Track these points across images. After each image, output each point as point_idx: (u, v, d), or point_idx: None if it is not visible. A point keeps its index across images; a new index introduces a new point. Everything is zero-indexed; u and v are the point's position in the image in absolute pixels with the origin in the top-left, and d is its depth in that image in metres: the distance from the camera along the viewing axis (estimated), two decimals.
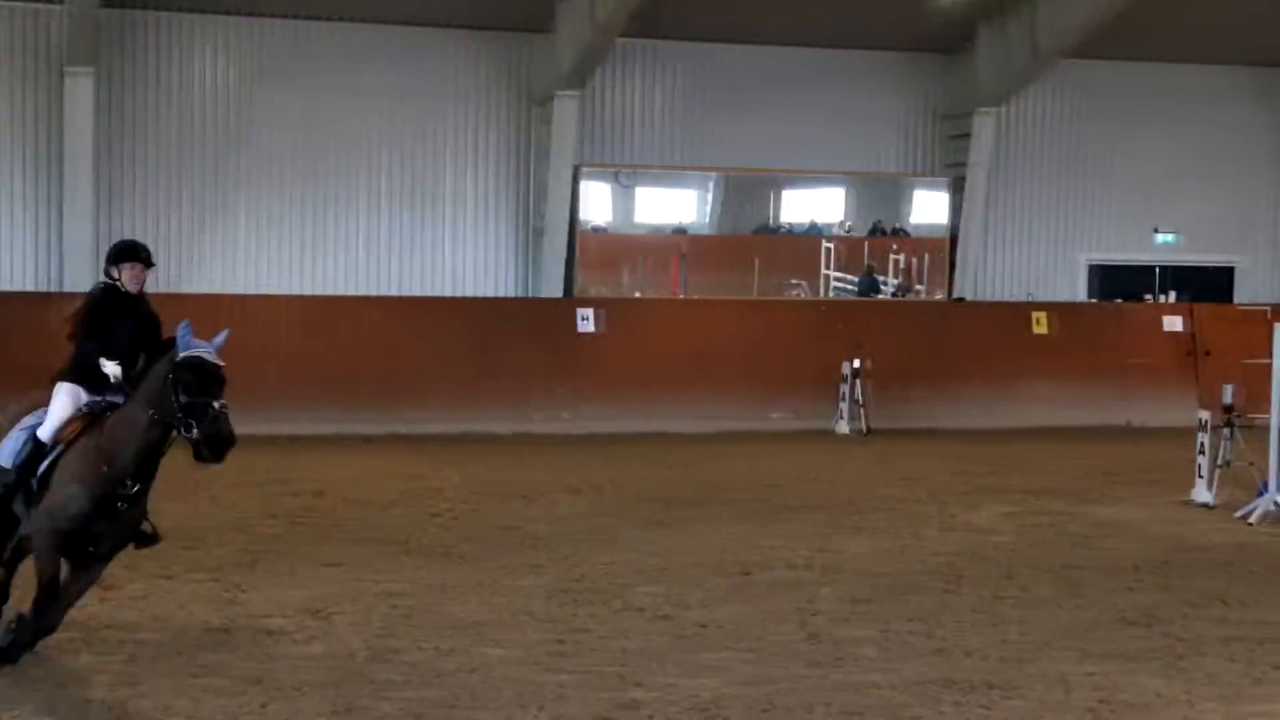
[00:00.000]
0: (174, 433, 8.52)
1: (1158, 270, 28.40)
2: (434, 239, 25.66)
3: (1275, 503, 15.10)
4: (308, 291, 24.25)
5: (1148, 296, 27.61)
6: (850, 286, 26.72)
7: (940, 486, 17.14)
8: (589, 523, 14.52)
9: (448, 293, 25.14)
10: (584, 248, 25.66)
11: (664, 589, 11.61)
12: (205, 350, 8.54)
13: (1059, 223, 28.07)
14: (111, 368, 8.77)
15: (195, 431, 8.36)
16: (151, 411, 8.50)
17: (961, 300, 26.41)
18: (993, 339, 23.93)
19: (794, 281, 26.62)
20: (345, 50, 24.96)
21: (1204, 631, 10.58)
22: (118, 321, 8.99)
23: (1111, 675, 9.43)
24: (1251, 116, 28.51)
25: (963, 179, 26.79)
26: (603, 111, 26.26)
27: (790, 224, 27.57)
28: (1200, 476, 16.01)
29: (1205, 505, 15.75)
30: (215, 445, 8.39)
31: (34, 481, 8.79)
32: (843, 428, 22.37)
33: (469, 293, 25.31)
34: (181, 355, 8.48)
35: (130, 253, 9.21)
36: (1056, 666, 9.61)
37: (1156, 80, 27.92)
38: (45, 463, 8.77)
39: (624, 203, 26.84)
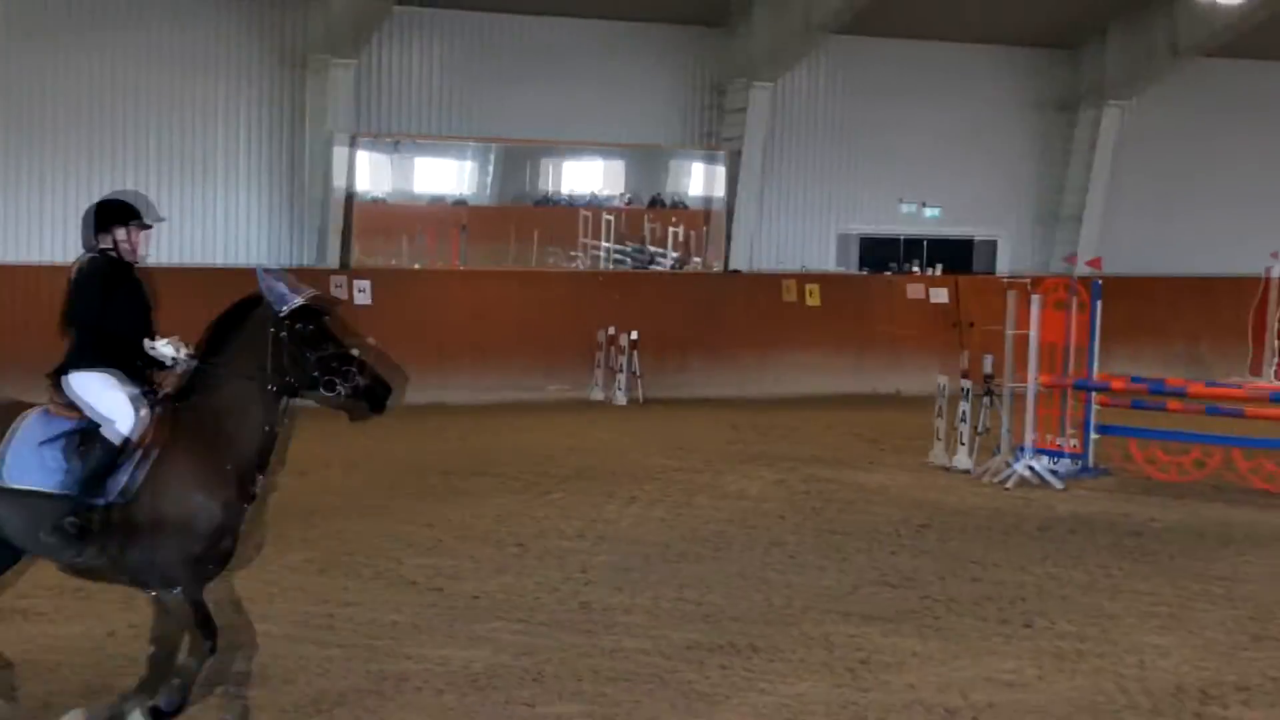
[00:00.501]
0: (288, 402, 7.23)
1: (925, 243, 29.21)
2: (204, 209, 25.03)
3: (1030, 467, 15.73)
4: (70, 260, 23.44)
5: (915, 268, 28.39)
6: (626, 259, 26.92)
7: (714, 455, 17.41)
8: (363, 495, 14.41)
9: (218, 263, 24.57)
10: (360, 218, 25.32)
11: (437, 561, 11.60)
12: (308, 294, 7.21)
13: (830, 195, 28.65)
14: (168, 348, 7.30)
15: (342, 388, 7.13)
16: (273, 383, 7.13)
17: (736, 272, 26.82)
18: (766, 310, 24.36)
19: (573, 253, 26.72)
20: (116, 10, 24.16)
21: (959, 592, 10.99)
22: (122, 298, 7.37)
23: (872, 636, 9.74)
24: (1011, 95, 29.45)
25: (738, 152, 27.15)
26: (379, 80, 25.91)
27: (571, 195, 27.64)
28: (962, 443, 16.56)
29: (964, 471, 16.31)
30: (375, 395, 7.20)
31: (103, 500, 7.01)
32: (620, 398, 22.55)
33: (240, 263, 24.78)
34: (286, 307, 7.14)
35: (129, 211, 7.46)
36: (820, 629, 9.89)
37: (923, 57, 28.64)
38: (128, 475, 7.03)
39: (402, 173, 26.58)
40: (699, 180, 28.20)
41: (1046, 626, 10.10)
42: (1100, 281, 17.22)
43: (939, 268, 28.09)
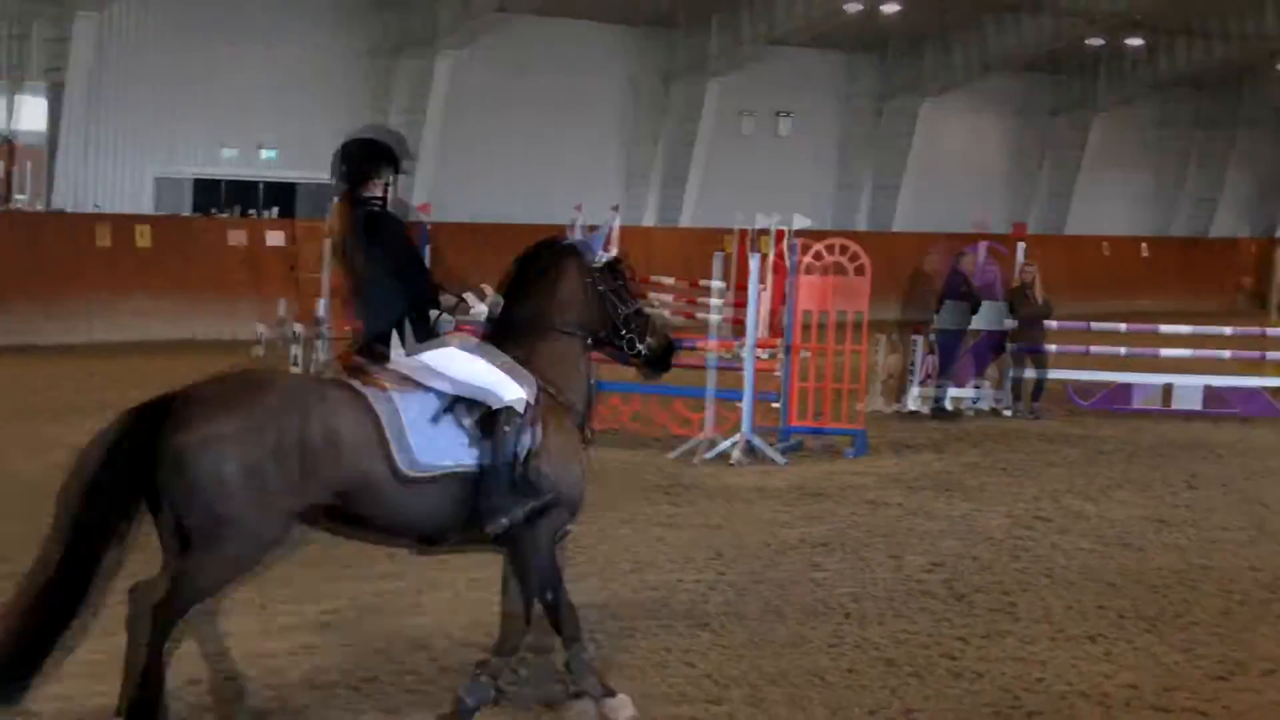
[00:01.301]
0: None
1: (261, 186, 29.01)
2: None
3: None
4: None
5: (251, 211, 28.14)
6: None
7: (61, 403, 16.59)
8: None
9: None
10: None
11: None
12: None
13: (160, 134, 27.80)
14: (493, 294, 6.97)
15: (643, 346, 7.09)
16: (593, 336, 7.07)
17: (61, 212, 25.62)
18: (91, 253, 23.50)
19: None
20: None
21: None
22: None
23: (316, 584, 9.71)
24: (342, 39, 29.60)
25: (60, 84, 25.82)
26: None
27: None
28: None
29: None
30: (669, 353, 7.26)
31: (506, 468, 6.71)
32: None
33: None
34: (602, 258, 7.05)
35: (397, 155, 6.96)
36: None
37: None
38: (527, 442, 6.74)
39: None
40: (26, 114, 26.71)
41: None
42: (429, 227, 17.79)
43: (275, 211, 28.00)
